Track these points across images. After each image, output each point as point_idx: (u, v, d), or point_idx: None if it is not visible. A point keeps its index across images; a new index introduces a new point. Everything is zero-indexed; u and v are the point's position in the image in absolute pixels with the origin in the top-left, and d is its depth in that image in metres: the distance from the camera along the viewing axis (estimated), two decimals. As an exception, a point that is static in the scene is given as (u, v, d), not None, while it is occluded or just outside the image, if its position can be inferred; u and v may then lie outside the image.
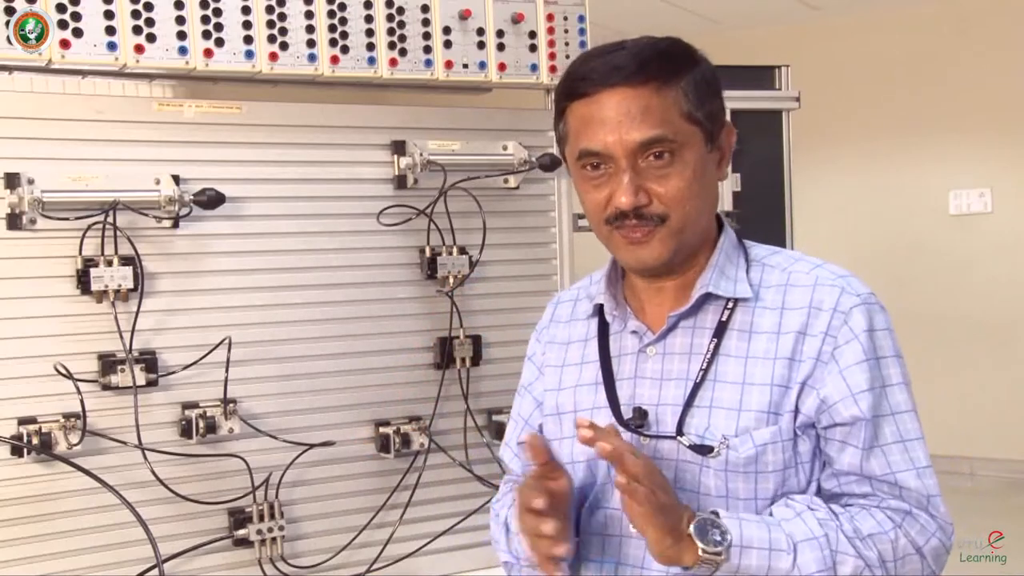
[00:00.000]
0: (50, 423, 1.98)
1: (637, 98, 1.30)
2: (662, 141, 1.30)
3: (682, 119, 1.32)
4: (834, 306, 1.32)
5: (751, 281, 1.38)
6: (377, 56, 2.23)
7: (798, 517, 1.27)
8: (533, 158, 2.38)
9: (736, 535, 1.24)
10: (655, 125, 1.30)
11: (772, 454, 1.31)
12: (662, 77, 1.31)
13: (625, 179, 1.30)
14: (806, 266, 1.38)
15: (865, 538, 1.27)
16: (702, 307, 1.38)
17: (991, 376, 5.99)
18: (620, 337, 1.43)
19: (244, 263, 2.17)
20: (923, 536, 1.30)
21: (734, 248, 1.41)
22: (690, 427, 1.33)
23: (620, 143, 1.30)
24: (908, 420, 1.32)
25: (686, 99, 1.32)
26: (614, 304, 1.44)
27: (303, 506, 2.22)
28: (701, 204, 1.35)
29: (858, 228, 6.32)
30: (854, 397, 1.29)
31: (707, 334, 1.36)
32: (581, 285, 1.56)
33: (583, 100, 1.34)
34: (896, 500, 1.30)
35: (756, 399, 1.31)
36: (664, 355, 1.38)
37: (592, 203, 1.36)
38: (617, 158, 1.31)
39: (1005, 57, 5.95)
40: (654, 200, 1.31)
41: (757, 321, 1.35)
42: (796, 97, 3.46)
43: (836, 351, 1.31)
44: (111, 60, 2.00)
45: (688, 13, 6.07)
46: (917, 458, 1.31)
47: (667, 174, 1.31)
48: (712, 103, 1.35)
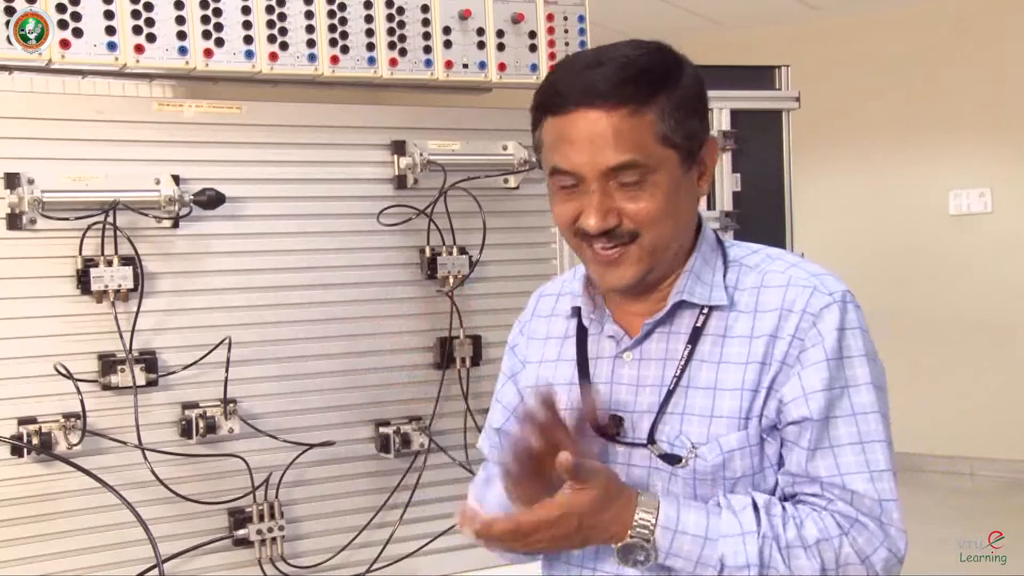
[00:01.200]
0: (50, 423, 1.98)
1: (610, 121, 1.26)
2: (634, 166, 1.27)
3: (656, 143, 1.28)
4: (804, 308, 1.30)
5: (727, 284, 1.36)
6: (377, 56, 2.23)
7: (740, 537, 1.25)
8: (533, 158, 2.38)
9: (664, 549, 1.25)
10: (627, 150, 1.26)
11: (740, 459, 1.30)
12: (638, 99, 1.27)
13: (594, 200, 1.28)
14: (781, 265, 1.36)
15: (810, 546, 1.25)
16: (677, 313, 1.36)
17: (991, 376, 5.99)
18: (598, 340, 1.42)
19: (244, 263, 2.17)
20: (870, 546, 1.27)
21: (712, 251, 1.39)
22: (662, 434, 1.33)
23: (591, 165, 1.27)
24: (871, 422, 1.29)
25: (662, 121, 1.28)
26: (592, 307, 1.42)
27: (303, 506, 2.22)
28: (674, 225, 1.32)
29: (858, 228, 6.32)
30: (806, 397, 1.28)
31: (682, 339, 1.35)
32: (565, 279, 1.54)
33: (556, 117, 1.30)
34: (844, 504, 1.27)
35: (727, 404, 1.30)
36: (640, 360, 1.37)
37: (561, 215, 1.34)
38: (587, 180, 1.28)
39: (1005, 57, 5.95)
40: (624, 220, 1.29)
41: (731, 325, 1.33)
42: (796, 97, 3.45)
43: (802, 354, 1.29)
44: (111, 60, 2.00)
45: (688, 13, 6.06)
46: (874, 460, 1.28)
47: (638, 195, 1.28)
48: (691, 122, 1.31)
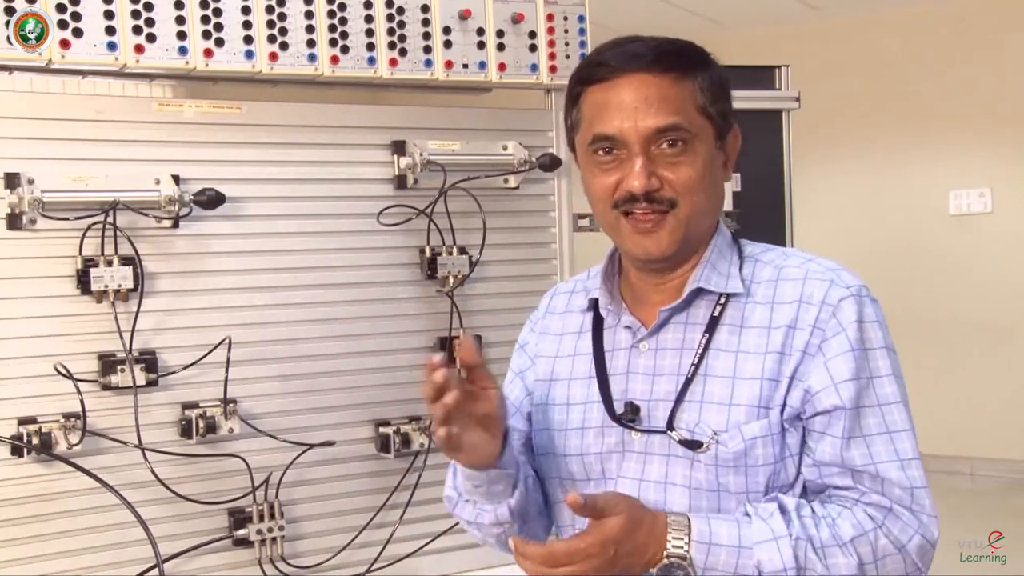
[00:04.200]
0: (50, 423, 1.98)
1: (655, 85, 1.32)
2: (677, 129, 1.32)
3: (696, 112, 1.34)
4: (822, 299, 1.32)
5: (743, 277, 1.38)
6: (377, 56, 2.23)
7: (774, 542, 1.25)
8: (533, 158, 2.38)
9: (701, 564, 1.24)
10: (671, 113, 1.31)
11: (762, 448, 1.31)
12: (679, 69, 1.33)
13: (638, 164, 1.31)
14: (797, 260, 1.39)
15: (845, 544, 1.26)
16: (694, 302, 1.38)
17: (991, 376, 5.99)
18: (614, 331, 1.44)
19: (244, 263, 2.17)
20: (905, 534, 1.28)
21: (728, 245, 1.42)
22: (681, 422, 1.33)
23: (635, 129, 1.31)
24: (896, 411, 1.31)
25: (701, 93, 1.34)
26: (609, 299, 1.44)
27: (303, 506, 2.22)
28: (708, 199, 1.37)
29: (858, 228, 6.32)
30: (836, 387, 1.29)
31: (699, 329, 1.36)
32: (579, 278, 1.57)
33: (600, 85, 1.35)
34: (878, 495, 1.29)
35: (746, 393, 1.31)
36: (657, 350, 1.39)
37: (600, 187, 1.36)
38: (631, 144, 1.32)
39: (1005, 57, 5.95)
40: (665, 186, 1.32)
41: (748, 315, 1.35)
42: (796, 97, 3.45)
43: (823, 343, 1.31)
44: (111, 60, 2.00)
45: (688, 13, 6.06)
46: (903, 450, 1.30)
47: (679, 162, 1.32)
48: (724, 102, 1.38)
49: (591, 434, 1.41)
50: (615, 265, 1.47)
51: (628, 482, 1.37)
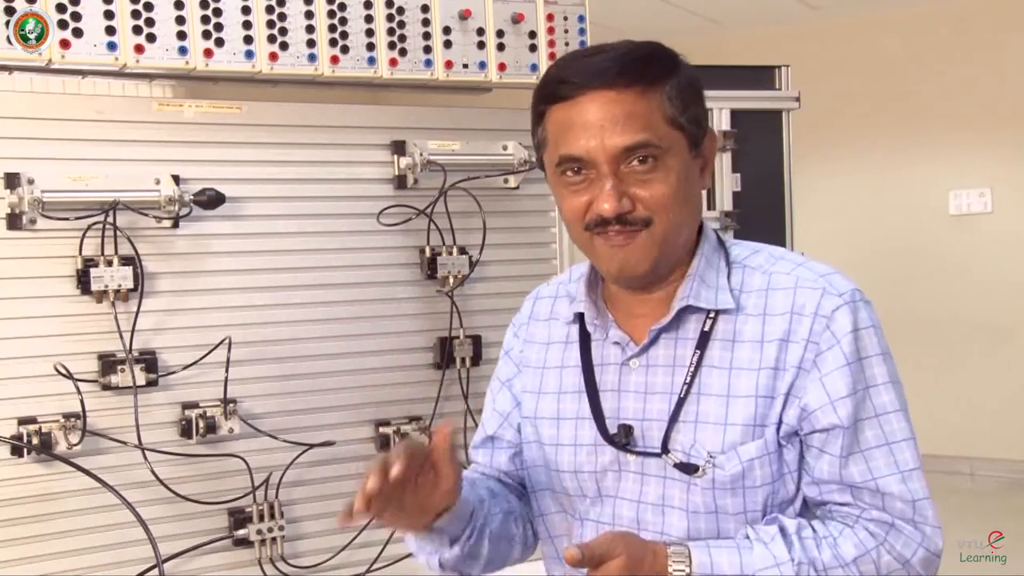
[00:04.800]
0: (50, 423, 1.98)
1: (620, 102, 1.25)
2: (646, 146, 1.25)
3: (666, 124, 1.27)
4: (815, 310, 1.28)
5: (732, 286, 1.33)
6: (377, 56, 2.23)
7: (776, 567, 1.24)
8: (533, 158, 2.37)
9: None
10: (639, 130, 1.25)
11: (760, 468, 1.28)
12: (645, 81, 1.27)
13: (608, 185, 1.26)
14: (787, 266, 1.34)
15: (848, 564, 1.25)
16: (683, 318, 1.33)
17: (991, 376, 5.98)
18: (602, 345, 1.39)
19: (244, 263, 2.17)
20: (908, 549, 1.26)
21: (714, 252, 1.37)
22: (676, 443, 1.30)
23: (602, 148, 1.25)
24: (894, 420, 1.28)
25: (670, 104, 1.27)
26: (595, 312, 1.40)
27: (303, 506, 2.22)
28: (685, 212, 1.31)
29: (858, 228, 6.31)
30: (833, 404, 1.26)
31: (690, 345, 1.32)
32: (561, 280, 1.52)
33: (563, 104, 1.28)
34: (879, 511, 1.27)
35: (741, 412, 1.28)
36: (648, 367, 1.35)
37: (570, 209, 1.31)
38: (599, 164, 1.26)
39: (1005, 57, 5.95)
40: (638, 206, 1.27)
41: (740, 329, 1.31)
42: (796, 97, 3.45)
43: (818, 357, 1.27)
44: (111, 60, 2.00)
45: (688, 13, 6.06)
46: (903, 460, 1.27)
47: (650, 179, 1.27)
48: (696, 108, 1.31)
49: (584, 452, 1.37)
50: (598, 274, 1.40)
51: (627, 503, 1.35)
